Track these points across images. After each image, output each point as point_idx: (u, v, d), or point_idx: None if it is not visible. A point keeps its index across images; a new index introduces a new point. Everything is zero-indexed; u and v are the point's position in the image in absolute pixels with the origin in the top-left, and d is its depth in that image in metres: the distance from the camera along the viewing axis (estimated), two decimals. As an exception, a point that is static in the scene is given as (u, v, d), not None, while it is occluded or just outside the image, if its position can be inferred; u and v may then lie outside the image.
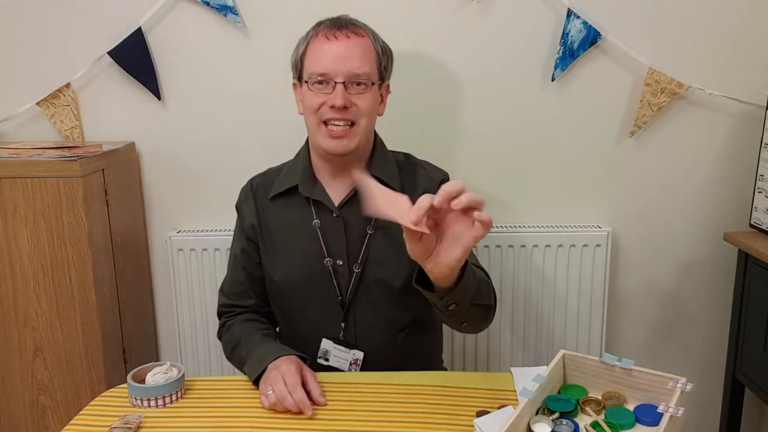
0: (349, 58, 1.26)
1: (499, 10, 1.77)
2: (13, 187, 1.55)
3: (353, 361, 1.35)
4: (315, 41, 1.29)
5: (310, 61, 1.29)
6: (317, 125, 1.29)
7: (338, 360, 1.36)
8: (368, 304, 1.35)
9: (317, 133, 1.30)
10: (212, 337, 1.89)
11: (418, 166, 1.42)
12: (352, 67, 1.26)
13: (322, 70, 1.26)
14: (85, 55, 1.79)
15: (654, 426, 0.99)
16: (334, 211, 1.34)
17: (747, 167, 1.84)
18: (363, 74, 1.27)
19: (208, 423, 1.10)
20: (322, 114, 1.27)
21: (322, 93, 1.27)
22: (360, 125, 1.29)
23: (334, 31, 1.28)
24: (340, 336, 1.36)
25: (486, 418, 1.07)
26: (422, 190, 1.32)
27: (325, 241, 1.34)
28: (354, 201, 1.33)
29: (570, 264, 1.84)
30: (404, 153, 1.45)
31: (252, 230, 1.39)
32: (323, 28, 1.30)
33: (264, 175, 1.44)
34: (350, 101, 1.26)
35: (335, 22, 1.30)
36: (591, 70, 1.80)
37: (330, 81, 1.26)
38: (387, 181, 1.31)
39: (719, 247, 1.89)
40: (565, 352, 1.12)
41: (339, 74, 1.25)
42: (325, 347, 1.36)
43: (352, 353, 1.35)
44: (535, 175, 1.88)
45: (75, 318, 1.62)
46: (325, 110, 1.27)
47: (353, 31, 1.29)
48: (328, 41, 1.27)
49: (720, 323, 1.96)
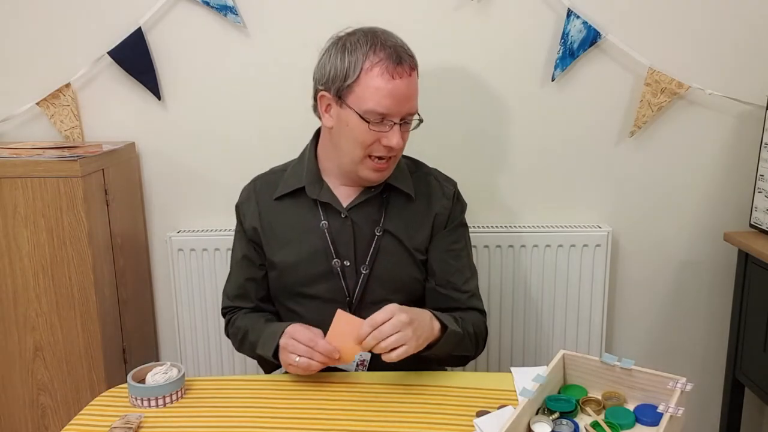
0: (410, 99, 1.26)
1: (499, 10, 1.77)
2: (13, 187, 1.55)
3: (360, 362, 1.35)
4: (375, 75, 1.21)
5: (370, 96, 1.22)
6: (362, 157, 1.27)
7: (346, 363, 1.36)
8: (375, 305, 1.34)
9: (360, 163, 1.28)
10: (212, 337, 1.89)
11: (430, 176, 1.43)
12: (410, 108, 1.27)
13: (386, 111, 1.23)
14: (85, 55, 1.79)
15: (654, 426, 0.99)
16: (343, 212, 1.34)
17: (747, 167, 1.84)
18: (415, 112, 1.29)
19: (208, 423, 1.11)
20: (374, 150, 1.26)
21: (377, 131, 1.24)
22: (399, 157, 1.33)
23: (399, 69, 1.22)
24: None
25: (486, 418, 1.07)
26: (438, 207, 1.38)
27: (333, 242, 1.34)
28: (362, 203, 1.34)
29: (570, 264, 1.84)
30: (411, 158, 1.45)
31: (254, 233, 1.39)
32: (383, 59, 1.22)
33: (268, 175, 1.44)
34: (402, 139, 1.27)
35: (396, 55, 1.23)
36: (591, 70, 1.80)
37: (387, 120, 1.24)
38: (404, 190, 1.35)
39: (719, 247, 1.89)
40: (565, 352, 1.12)
41: (398, 115, 1.25)
42: None
43: (359, 354, 1.35)
44: (535, 175, 1.88)
45: (75, 318, 1.62)
46: (377, 147, 1.26)
47: (410, 66, 1.25)
48: (393, 80, 1.22)
49: (720, 323, 1.96)
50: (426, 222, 1.37)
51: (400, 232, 1.35)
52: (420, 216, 1.37)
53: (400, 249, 1.35)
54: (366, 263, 1.34)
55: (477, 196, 1.73)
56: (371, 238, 1.34)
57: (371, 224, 1.35)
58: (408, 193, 1.36)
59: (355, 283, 1.35)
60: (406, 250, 1.36)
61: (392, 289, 1.35)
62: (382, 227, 1.34)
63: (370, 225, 1.35)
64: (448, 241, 1.39)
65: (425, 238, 1.37)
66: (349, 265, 1.34)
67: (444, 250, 1.39)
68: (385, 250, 1.35)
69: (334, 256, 1.34)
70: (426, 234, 1.37)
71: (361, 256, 1.34)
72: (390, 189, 1.36)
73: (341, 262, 1.34)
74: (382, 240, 1.35)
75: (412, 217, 1.37)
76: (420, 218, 1.37)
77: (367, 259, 1.34)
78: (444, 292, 1.38)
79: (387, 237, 1.35)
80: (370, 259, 1.34)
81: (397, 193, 1.36)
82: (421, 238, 1.37)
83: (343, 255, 1.34)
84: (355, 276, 1.34)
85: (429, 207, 1.38)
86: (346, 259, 1.34)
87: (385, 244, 1.35)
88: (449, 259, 1.39)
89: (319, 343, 1.17)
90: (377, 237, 1.34)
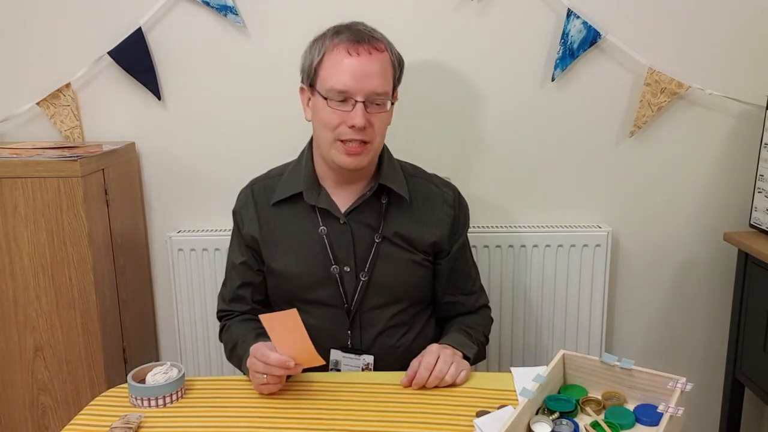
0: (371, 76, 1.23)
1: (499, 10, 1.77)
2: (13, 187, 1.55)
3: (365, 367, 1.35)
4: (334, 54, 1.24)
5: (329, 74, 1.24)
6: (332, 141, 1.27)
7: (350, 368, 1.36)
8: (374, 310, 1.35)
9: (331, 148, 1.27)
10: (212, 337, 1.89)
11: (429, 182, 1.41)
12: (373, 86, 1.23)
13: (343, 88, 1.23)
14: (85, 55, 1.79)
15: (654, 426, 0.99)
16: (341, 218, 1.33)
17: (747, 167, 1.84)
18: (382, 93, 1.25)
19: (208, 423, 1.11)
20: (340, 133, 1.25)
21: (340, 110, 1.24)
22: (374, 144, 1.29)
23: (356, 46, 1.23)
24: (348, 344, 1.36)
25: (486, 418, 1.07)
26: (436, 217, 1.37)
27: (332, 248, 1.33)
28: (360, 208, 1.33)
29: (570, 264, 1.84)
30: (411, 164, 1.44)
31: (253, 240, 1.38)
32: (344, 41, 1.25)
33: (265, 180, 1.42)
34: (368, 121, 1.24)
35: (356, 35, 1.25)
36: (591, 70, 1.80)
37: (350, 99, 1.23)
38: (396, 190, 1.33)
39: (719, 247, 1.89)
40: (565, 352, 1.12)
41: (359, 93, 1.23)
42: (335, 358, 1.36)
43: (363, 358, 1.35)
44: (535, 175, 1.88)
45: (75, 318, 1.62)
46: (345, 130, 1.24)
47: (374, 46, 1.25)
48: (350, 57, 1.23)
49: (720, 323, 1.96)
50: (427, 228, 1.36)
51: (398, 238, 1.34)
52: (420, 221, 1.36)
53: (399, 255, 1.35)
54: (365, 269, 1.34)
55: (477, 196, 1.74)
56: (371, 244, 1.34)
57: (370, 230, 1.34)
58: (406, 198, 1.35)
59: (354, 289, 1.34)
60: (405, 255, 1.35)
61: (391, 295, 1.35)
62: (381, 233, 1.34)
63: (369, 231, 1.34)
64: (455, 250, 1.40)
65: (427, 244, 1.36)
66: (348, 270, 1.34)
67: (454, 260, 1.41)
68: (384, 256, 1.34)
69: (333, 262, 1.33)
70: (428, 241, 1.36)
71: (360, 262, 1.34)
72: (388, 194, 1.35)
73: (340, 268, 1.33)
74: (381, 246, 1.34)
75: (412, 222, 1.36)
76: (420, 223, 1.36)
77: (367, 265, 1.34)
78: (454, 299, 1.42)
79: (386, 243, 1.34)
80: (370, 265, 1.34)
81: (396, 198, 1.35)
82: (421, 244, 1.36)
83: (342, 261, 1.34)
84: (354, 282, 1.34)
85: (430, 212, 1.37)
86: (345, 265, 1.34)
87: (384, 250, 1.34)
88: (457, 267, 1.42)
89: (270, 357, 1.14)
90: (376, 243, 1.34)
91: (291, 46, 1.75)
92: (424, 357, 1.23)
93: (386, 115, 1.29)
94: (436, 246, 1.37)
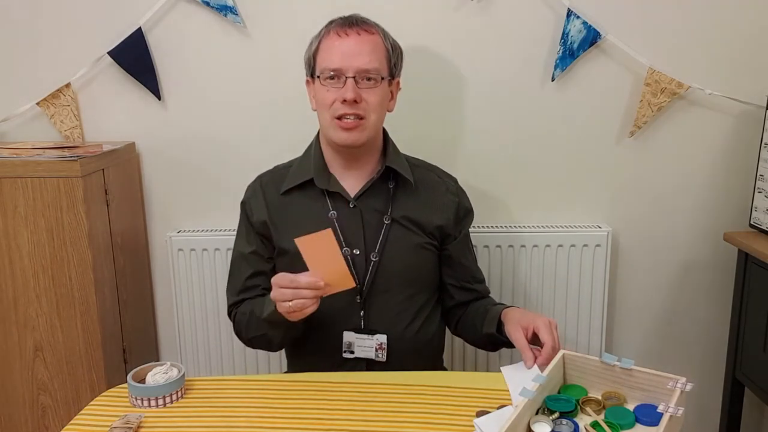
0: (360, 54, 1.30)
1: (499, 10, 1.77)
2: (13, 187, 1.55)
3: (378, 346, 1.36)
4: (327, 38, 1.33)
5: (323, 58, 1.33)
6: (330, 119, 1.33)
7: (363, 349, 1.37)
8: (385, 292, 1.38)
9: (330, 127, 1.33)
10: (212, 337, 1.89)
11: (431, 172, 1.48)
12: (362, 63, 1.30)
13: (334, 66, 1.30)
14: (85, 55, 1.79)
15: (654, 426, 0.99)
16: (351, 201, 1.37)
17: (747, 167, 1.84)
18: (372, 69, 1.31)
19: (208, 423, 1.11)
20: (336, 110, 1.31)
21: (334, 88, 1.31)
22: (369, 120, 1.33)
23: (345, 29, 1.32)
24: (361, 325, 1.37)
25: (486, 418, 1.07)
26: (441, 203, 1.42)
27: (342, 232, 1.36)
28: (369, 192, 1.38)
29: (570, 264, 1.84)
30: (414, 157, 1.49)
31: (263, 226, 1.40)
32: (335, 25, 1.34)
33: (273, 172, 1.47)
34: (360, 96, 1.30)
35: (346, 20, 1.34)
36: (591, 70, 1.80)
37: (341, 76, 1.30)
38: (402, 173, 1.39)
39: (719, 247, 1.89)
40: (565, 352, 1.12)
41: (350, 69, 1.29)
42: (348, 340, 1.37)
43: (376, 338, 1.37)
44: (535, 175, 1.88)
45: (75, 318, 1.62)
46: (338, 106, 1.31)
47: (364, 29, 1.33)
48: (340, 38, 1.31)
49: (720, 323, 1.96)
50: (433, 212, 1.41)
51: (407, 221, 1.39)
52: (426, 206, 1.41)
53: (408, 237, 1.39)
54: (375, 251, 1.37)
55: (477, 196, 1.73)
56: (380, 227, 1.37)
57: (379, 214, 1.38)
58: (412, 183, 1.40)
59: (365, 272, 1.37)
60: (414, 238, 1.39)
61: (401, 276, 1.38)
62: (390, 216, 1.38)
63: (378, 214, 1.38)
64: (463, 236, 1.47)
65: (434, 227, 1.41)
66: (358, 253, 1.37)
67: (464, 246, 1.47)
68: (394, 239, 1.38)
69: (343, 244, 1.36)
70: (435, 224, 1.41)
71: (370, 245, 1.37)
72: (395, 178, 1.40)
73: (351, 251, 1.36)
74: (391, 228, 1.38)
75: (418, 206, 1.41)
76: (426, 207, 1.41)
77: (377, 248, 1.37)
78: (471, 287, 1.47)
79: (395, 226, 1.38)
80: (380, 248, 1.37)
81: (402, 182, 1.40)
82: (428, 227, 1.40)
83: (353, 244, 1.37)
84: (365, 264, 1.37)
85: (434, 198, 1.43)
86: (355, 248, 1.37)
87: (393, 233, 1.38)
88: (468, 253, 1.49)
89: (300, 280, 1.16)
90: (386, 225, 1.37)
91: (291, 46, 1.76)
92: (543, 334, 1.22)
93: (379, 91, 1.33)
94: (442, 230, 1.42)
